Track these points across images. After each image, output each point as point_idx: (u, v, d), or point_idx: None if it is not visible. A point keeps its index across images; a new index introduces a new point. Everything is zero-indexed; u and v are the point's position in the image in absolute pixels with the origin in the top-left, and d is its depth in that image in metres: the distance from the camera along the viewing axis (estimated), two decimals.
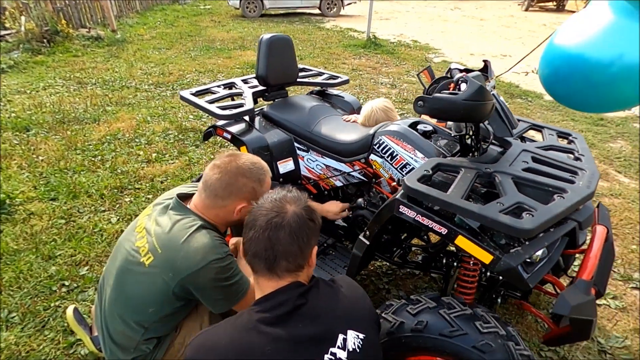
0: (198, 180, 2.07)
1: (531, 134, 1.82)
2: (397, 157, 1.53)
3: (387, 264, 2.00)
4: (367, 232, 1.36)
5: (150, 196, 2.75)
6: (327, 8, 11.92)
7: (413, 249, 1.77)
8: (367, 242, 1.35)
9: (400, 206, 1.20)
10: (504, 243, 1.13)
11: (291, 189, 1.01)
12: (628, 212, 2.77)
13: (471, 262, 1.35)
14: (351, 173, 1.75)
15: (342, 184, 1.81)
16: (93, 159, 3.24)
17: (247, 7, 11.34)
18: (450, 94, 1.18)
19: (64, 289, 1.95)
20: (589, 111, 1.52)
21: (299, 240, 0.90)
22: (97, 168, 3.09)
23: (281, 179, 1.83)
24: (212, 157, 3.34)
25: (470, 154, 1.46)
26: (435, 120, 1.68)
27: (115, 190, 2.79)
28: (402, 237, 1.73)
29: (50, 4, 7.54)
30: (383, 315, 1.28)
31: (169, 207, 1.21)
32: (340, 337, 0.87)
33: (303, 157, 1.89)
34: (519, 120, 1.69)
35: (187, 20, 10.86)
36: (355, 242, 1.38)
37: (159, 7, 12.46)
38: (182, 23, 10.35)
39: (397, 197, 1.21)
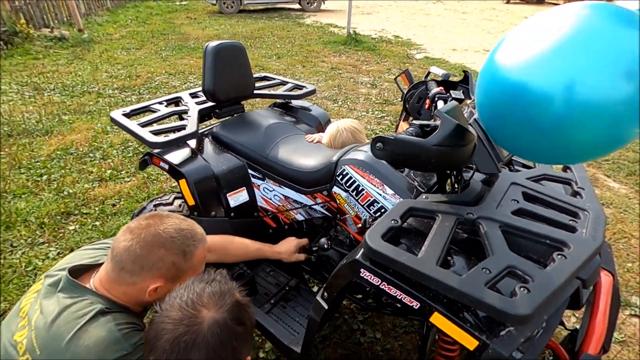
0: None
1: None
2: (364, 192, 1.27)
3: None
4: (326, 293, 1.10)
5: (97, 223, 2.44)
6: (308, 3, 11.57)
7: None
8: (326, 306, 1.09)
9: (362, 270, 0.94)
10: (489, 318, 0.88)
11: (213, 277, 0.74)
12: (621, 224, 2.59)
13: None
14: (313, 206, 1.48)
15: (303, 218, 1.55)
16: (38, 179, 2.90)
17: (224, 3, 10.91)
18: (421, 126, 0.92)
19: None
20: (544, 162, 1.14)
21: None
22: (41, 190, 2.75)
23: (232, 213, 1.56)
24: None
25: (450, 189, 1.21)
26: None
27: (59, 217, 2.47)
28: None
29: (8, 3, 7.01)
30: None
31: (58, 286, 0.92)
32: None
33: (259, 186, 1.62)
34: None
35: (161, 17, 10.38)
36: (323, 282, 1.13)
37: (131, 4, 11.89)
38: (156, 20, 9.87)
39: (357, 257, 0.96)
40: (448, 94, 1.29)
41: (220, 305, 0.68)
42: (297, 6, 11.84)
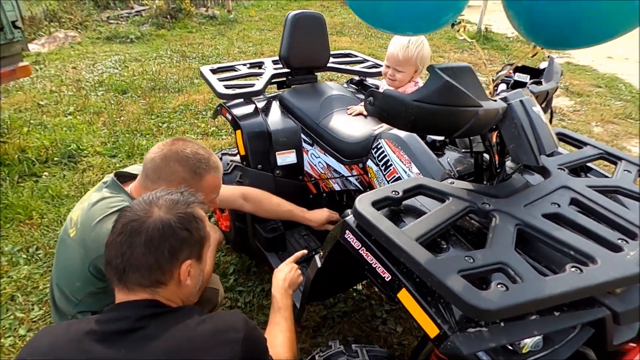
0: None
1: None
2: (391, 168, 1.22)
3: None
4: (321, 252, 1.11)
5: None
6: None
7: None
8: (319, 265, 1.11)
9: (347, 231, 0.93)
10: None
11: (181, 191, 0.85)
12: None
13: None
14: (349, 178, 1.48)
15: (340, 189, 1.56)
16: (161, 125, 3.51)
17: None
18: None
19: None
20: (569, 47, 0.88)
21: (157, 251, 0.75)
22: (160, 134, 3.33)
23: (277, 171, 1.66)
24: None
25: (486, 180, 1.08)
26: None
27: None
28: None
29: None
30: (316, 356, 1.06)
31: (106, 184, 1.16)
32: None
33: (308, 151, 1.68)
34: (585, 144, 1.20)
35: (297, 4, 11.12)
36: None
37: None
38: (293, 6, 10.64)
39: (347, 218, 0.94)
40: (511, 77, 1.14)
41: (171, 209, 0.80)
42: None
